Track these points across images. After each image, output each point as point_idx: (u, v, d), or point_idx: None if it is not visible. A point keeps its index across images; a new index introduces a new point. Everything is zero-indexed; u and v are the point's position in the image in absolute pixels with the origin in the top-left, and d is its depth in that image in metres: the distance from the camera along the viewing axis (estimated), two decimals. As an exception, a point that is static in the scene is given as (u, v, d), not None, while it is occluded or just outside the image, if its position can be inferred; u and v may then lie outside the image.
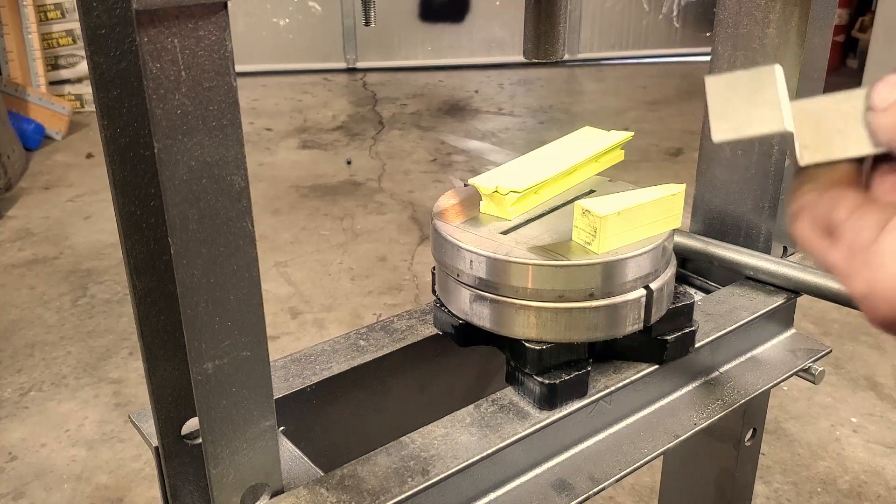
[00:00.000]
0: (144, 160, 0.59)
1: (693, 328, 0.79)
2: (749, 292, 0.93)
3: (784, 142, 0.92)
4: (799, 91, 0.89)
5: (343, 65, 5.33)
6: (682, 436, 0.81)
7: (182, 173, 0.52)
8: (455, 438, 0.70)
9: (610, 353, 0.79)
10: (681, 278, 1.01)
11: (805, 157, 0.46)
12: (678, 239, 0.97)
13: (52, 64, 4.40)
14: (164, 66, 0.49)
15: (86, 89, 4.45)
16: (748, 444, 1.06)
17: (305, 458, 0.72)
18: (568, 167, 0.82)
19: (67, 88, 4.47)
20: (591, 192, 0.83)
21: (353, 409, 0.84)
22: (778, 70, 0.46)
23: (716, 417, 0.83)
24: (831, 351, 0.96)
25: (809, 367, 0.93)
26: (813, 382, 0.94)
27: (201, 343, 0.57)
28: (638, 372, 0.78)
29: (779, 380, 0.90)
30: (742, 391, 0.87)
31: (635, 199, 0.74)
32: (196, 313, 0.56)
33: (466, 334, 0.78)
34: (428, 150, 4.01)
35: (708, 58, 0.97)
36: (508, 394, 0.75)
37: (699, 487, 1.12)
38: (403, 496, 0.65)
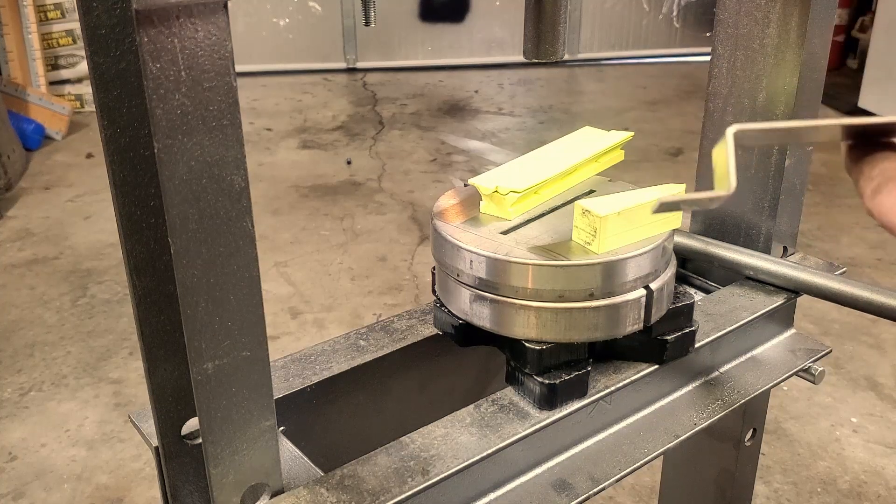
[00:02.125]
0: (144, 160, 0.59)
1: (693, 328, 0.79)
2: (749, 292, 0.93)
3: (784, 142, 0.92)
4: (799, 91, 0.89)
5: (343, 65, 5.33)
6: (682, 436, 0.81)
7: (182, 173, 0.52)
8: (455, 438, 0.70)
9: (610, 353, 0.79)
10: (681, 278, 1.01)
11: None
12: (678, 239, 0.97)
13: (52, 64, 4.40)
14: (164, 66, 0.49)
15: (86, 89, 4.45)
16: (748, 444, 1.06)
17: (305, 458, 0.72)
18: (568, 167, 0.82)
19: (67, 88, 4.47)
20: (591, 192, 0.83)
21: (353, 409, 0.84)
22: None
23: (716, 417, 0.83)
24: (831, 351, 0.96)
25: (809, 367, 0.93)
26: (813, 382, 0.94)
27: (201, 343, 0.57)
28: (638, 372, 0.78)
29: (779, 380, 0.90)
30: (742, 391, 0.87)
31: (635, 199, 0.74)
32: (196, 313, 0.56)
33: (466, 334, 0.78)
34: (428, 150, 4.01)
35: (708, 58, 0.97)
36: (508, 394, 0.75)
37: (699, 487, 1.12)
38: (403, 496, 0.65)
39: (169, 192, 0.52)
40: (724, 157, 0.47)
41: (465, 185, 0.83)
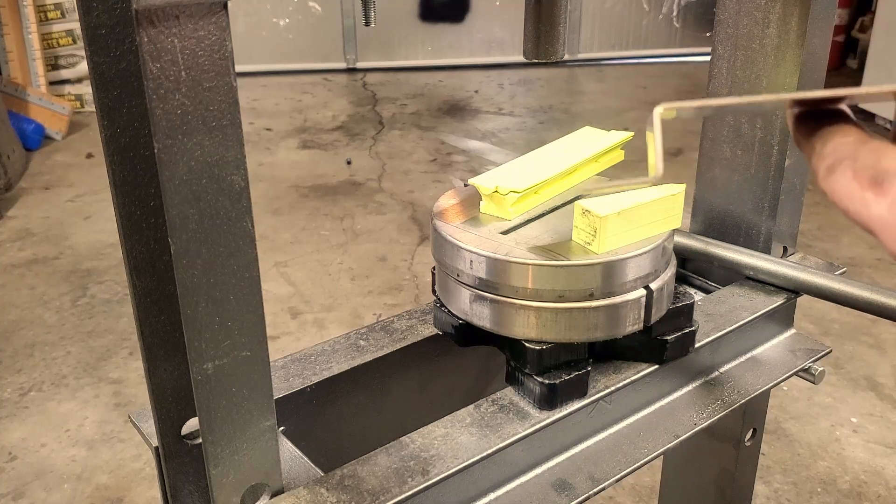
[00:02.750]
0: (144, 160, 0.59)
1: (693, 328, 0.79)
2: (749, 292, 0.93)
3: (784, 141, 0.92)
4: (798, 91, 0.89)
5: (343, 65, 5.33)
6: (682, 436, 0.81)
7: (182, 173, 0.52)
8: (455, 438, 0.70)
9: (610, 353, 0.79)
10: (681, 278, 1.01)
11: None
12: (678, 239, 0.97)
13: (52, 64, 4.40)
14: (164, 66, 0.49)
15: (86, 89, 4.45)
16: (748, 444, 1.06)
17: (305, 458, 0.72)
18: (568, 167, 0.82)
19: (67, 88, 4.47)
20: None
21: (353, 409, 0.84)
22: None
23: (716, 417, 0.83)
24: (831, 351, 0.96)
25: (809, 367, 0.93)
26: (813, 382, 0.94)
27: (201, 343, 0.57)
28: (638, 372, 0.78)
29: (779, 380, 0.90)
30: (742, 391, 0.87)
31: (635, 199, 0.74)
32: (196, 313, 0.56)
33: (466, 334, 0.78)
34: (428, 150, 4.01)
35: (708, 58, 0.97)
36: (508, 394, 0.75)
37: (699, 487, 1.12)
38: (403, 496, 0.65)
39: (169, 192, 0.52)
40: (652, 140, 0.44)
41: (465, 185, 0.83)
